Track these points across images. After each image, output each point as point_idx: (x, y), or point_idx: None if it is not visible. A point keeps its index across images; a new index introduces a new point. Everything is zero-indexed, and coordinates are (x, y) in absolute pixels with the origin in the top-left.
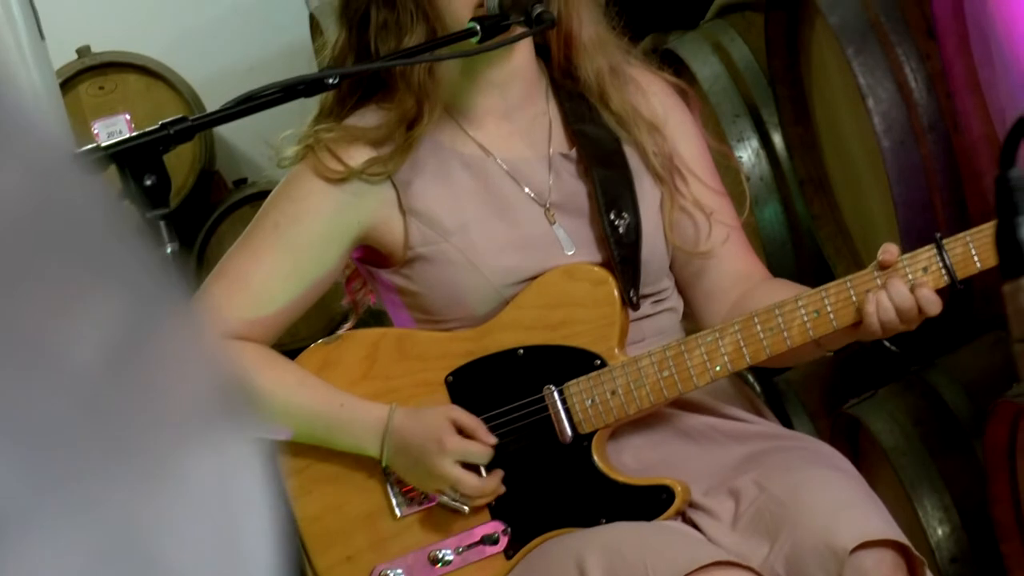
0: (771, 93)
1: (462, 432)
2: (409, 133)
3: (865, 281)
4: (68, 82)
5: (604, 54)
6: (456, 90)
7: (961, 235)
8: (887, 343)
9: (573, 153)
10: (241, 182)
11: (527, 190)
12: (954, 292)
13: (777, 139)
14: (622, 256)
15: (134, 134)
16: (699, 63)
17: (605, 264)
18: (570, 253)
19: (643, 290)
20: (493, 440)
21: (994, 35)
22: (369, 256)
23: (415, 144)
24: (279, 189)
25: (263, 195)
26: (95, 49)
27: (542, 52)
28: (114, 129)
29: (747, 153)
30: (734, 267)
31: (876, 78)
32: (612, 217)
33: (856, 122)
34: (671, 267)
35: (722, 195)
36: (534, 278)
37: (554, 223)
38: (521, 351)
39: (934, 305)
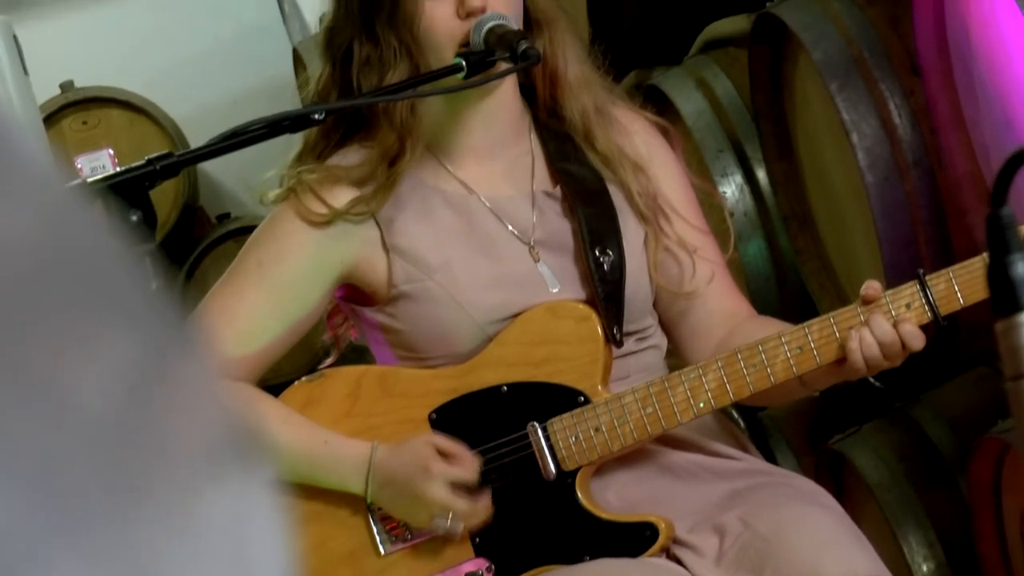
0: (755, 129)
1: (445, 457)
2: (391, 170)
3: (848, 317)
4: (51, 117)
5: (589, 93)
6: (439, 127)
7: (944, 271)
8: (871, 379)
9: (557, 191)
10: (224, 217)
11: (510, 228)
12: (938, 328)
13: (761, 174)
14: (606, 293)
15: (120, 169)
16: (683, 99)
17: (589, 301)
18: (554, 290)
19: (627, 327)
20: (476, 461)
21: (978, 72)
22: (352, 294)
23: (397, 181)
24: (263, 227)
25: (246, 230)
26: (78, 84)
27: (526, 91)
28: (97, 164)
29: (731, 189)
30: (719, 306)
31: (860, 114)
32: (596, 254)
33: (840, 158)
34: (655, 306)
35: (706, 234)
36: (518, 315)
37: (538, 260)
38: (505, 388)
39: (917, 340)
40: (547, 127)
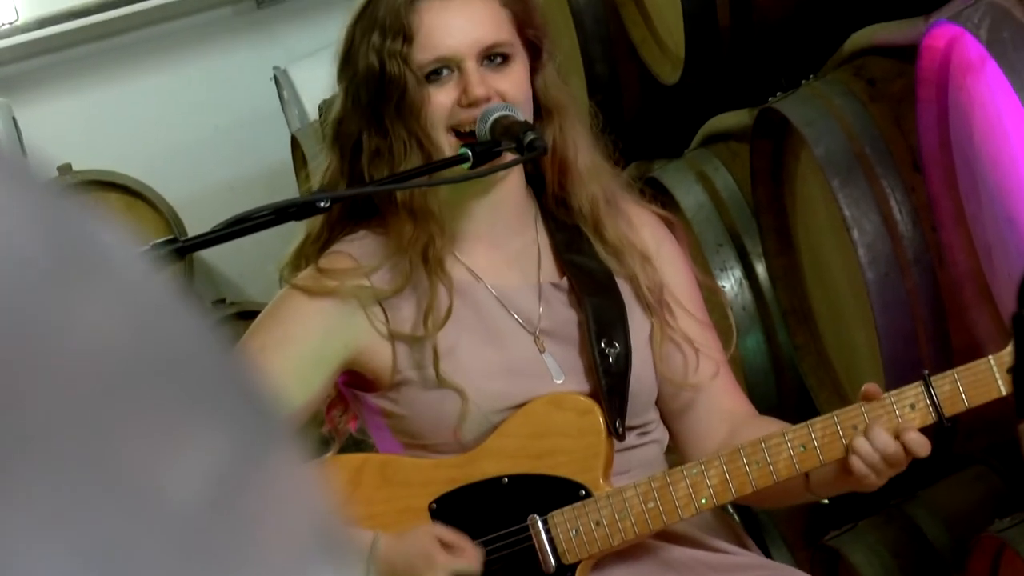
0: (755, 223)
1: (447, 548)
2: (424, 258)
3: (852, 416)
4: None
5: (599, 182)
6: (445, 215)
7: (949, 372)
8: None
9: (564, 282)
10: (220, 302)
11: (516, 317)
12: (936, 426)
13: (760, 269)
14: (610, 386)
15: None
16: (683, 192)
17: (593, 393)
18: (559, 382)
19: (629, 421)
20: (478, 552)
21: (980, 169)
22: (355, 380)
23: (412, 275)
24: (267, 311)
25: (242, 315)
26: (76, 167)
27: (534, 181)
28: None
29: (730, 283)
30: (721, 404)
31: (861, 210)
32: (603, 346)
33: (841, 254)
34: (658, 400)
35: (710, 329)
36: (521, 405)
37: (543, 351)
38: (506, 479)
39: (923, 448)
40: (555, 218)
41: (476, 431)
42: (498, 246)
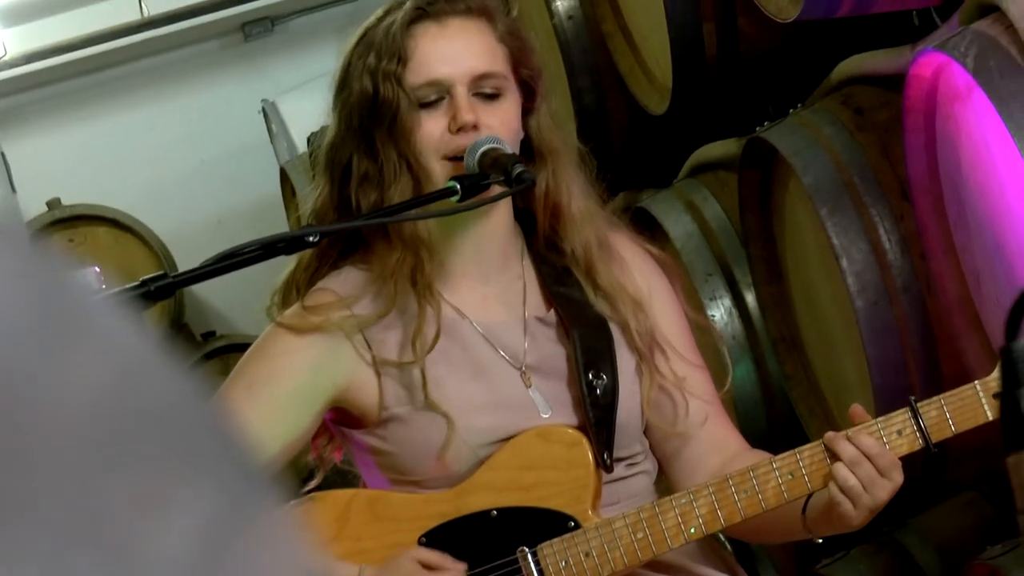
0: (744, 252)
1: (430, 569)
2: (414, 284)
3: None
4: (38, 234)
5: (592, 226)
6: (434, 243)
7: (936, 399)
8: None
9: (550, 315)
10: (210, 335)
11: (502, 353)
12: (927, 453)
13: (750, 298)
14: (597, 418)
15: (115, 290)
16: (671, 221)
17: (580, 426)
18: (546, 416)
19: (617, 453)
20: (462, 566)
21: (968, 198)
22: (342, 418)
23: (397, 300)
24: (253, 348)
25: (231, 348)
26: (65, 202)
27: (523, 216)
28: (83, 282)
29: (719, 312)
30: (712, 439)
31: (850, 238)
32: (590, 377)
33: (830, 282)
34: (649, 437)
35: (701, 369)
36: (509, 439)
37: (530, 386)
38: (494, 513)
39: (894, 470)
40: (543, 257)
41: (464, 465)
42: (484, 281)
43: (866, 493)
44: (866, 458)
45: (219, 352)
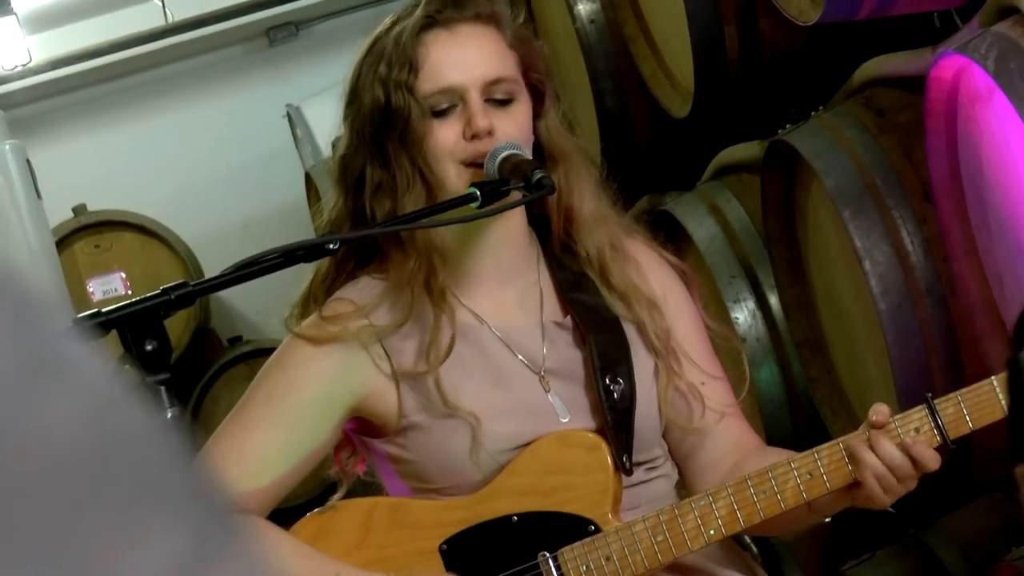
0: (767, 254)
1: None
2: (428, 290)
3: (857, 442)
4: (64, 240)
5: (605, 229)
6: (449, 251)
7: (952, 395)
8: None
9: (568, 320)
10: (236, 340)
11: (520, 357)
12: (953, 454)
13: (773, 300)
14: (616, 422)
15: (136, 299)
16: (695, 224)
17: (599, 430)
18: (565, 420)
19: (636, 456)
20: None
21: (990, 199)
22: (362, 427)
23: (414, 309)
24: (273, 359)
25: (258, 353)
26: (91, 208)
27: (538, 222)
28: (109, 287)
29: (743, 314)
30: (729, 438)
31: (873, 241)
32: (607, 382)
33: (853, 284)
34: (665, 437)
35: (719, 378)
36: (529, 444)
37: (549, 390)
38: (515, 518)
39: (932, 461)
40: (557, 259)
41: (485, 472)
42: (501, 286)
43: (900, 485)
44: (909, 459)
45: (245, 357)
